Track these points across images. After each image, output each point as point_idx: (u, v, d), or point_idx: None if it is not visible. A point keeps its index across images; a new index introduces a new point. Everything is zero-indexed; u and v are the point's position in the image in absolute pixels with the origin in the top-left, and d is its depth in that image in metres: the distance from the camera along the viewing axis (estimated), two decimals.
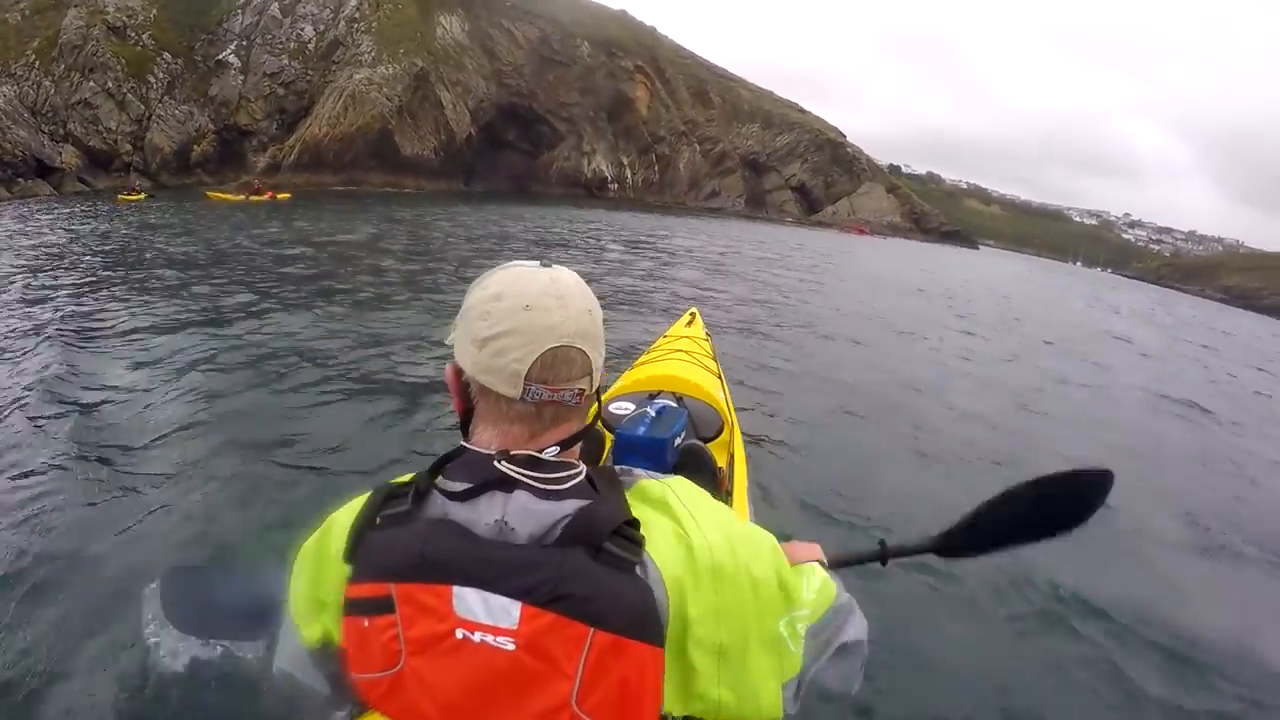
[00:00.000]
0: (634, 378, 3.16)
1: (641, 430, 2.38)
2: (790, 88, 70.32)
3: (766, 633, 0.81)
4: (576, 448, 0.89)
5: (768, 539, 0.89)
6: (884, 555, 1.40)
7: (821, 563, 1.09)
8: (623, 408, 2.70)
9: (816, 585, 0.91)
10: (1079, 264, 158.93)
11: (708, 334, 4.20)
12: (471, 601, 0.74)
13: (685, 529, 0.80)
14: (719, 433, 2.87)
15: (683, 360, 3.38)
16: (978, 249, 73.13)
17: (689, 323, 4.37)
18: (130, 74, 35.92)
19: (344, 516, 0.87)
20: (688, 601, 0.77)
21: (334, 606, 0.83)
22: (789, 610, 0.84)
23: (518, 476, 0.79)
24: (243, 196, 26.62)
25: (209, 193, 27.31)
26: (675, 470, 2.31)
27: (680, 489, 0.87)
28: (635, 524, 0.78)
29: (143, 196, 24.69)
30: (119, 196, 24.74)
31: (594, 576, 0.73)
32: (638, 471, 0.93)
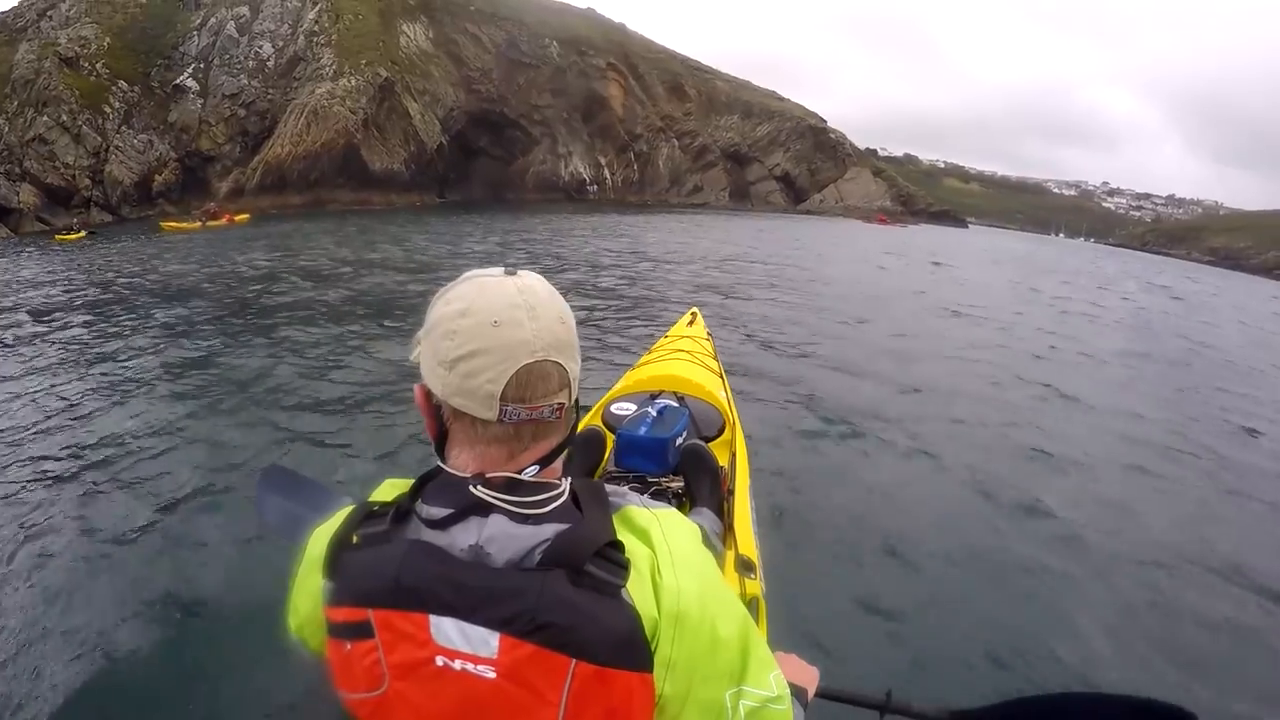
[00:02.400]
0: (635, 378, 3.16)
1: (643, 430, 2.40)
2: (758, 78, 69.08)
3: (710, 697, 0.76)
4: (558, 463, 0.85)
5: (742, 607, 0.83)
6: (886, 707, 1.30)
7: (818, 691, 1.13)
8: (624, 408, 2.73)
9: (779, 680, 0.83)
10: (1062, 235, 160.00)
11: (709, 333, 4.15)
12: (449, 630, 0.73)
13: (660, 565, 0.77)
14: (721, 432, 2.85)
15: (684, 360, 3.38)
16: (967, 228, 72.58)
17: (690, 322, 4.33)
18: (85, 105, 34.67)
19: (325, 530, 0.85)
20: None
21: (306, 614, 0.86)
22: (740, 683, 0.78)
23: (494, 501, 0.77)
24: (199, 223, 25.57)
25: (163, 223, 26.24)
26: (677, 470, 2.36)
27: (668, 524, 0.82)
28: (620, 546, 0.75)
29: (82, 235, 23.49)
30: (56, 237, 23.62)
31: (575, 603, 0.71)
32: (631, 496, 0.87)
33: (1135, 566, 3.77)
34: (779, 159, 61.75)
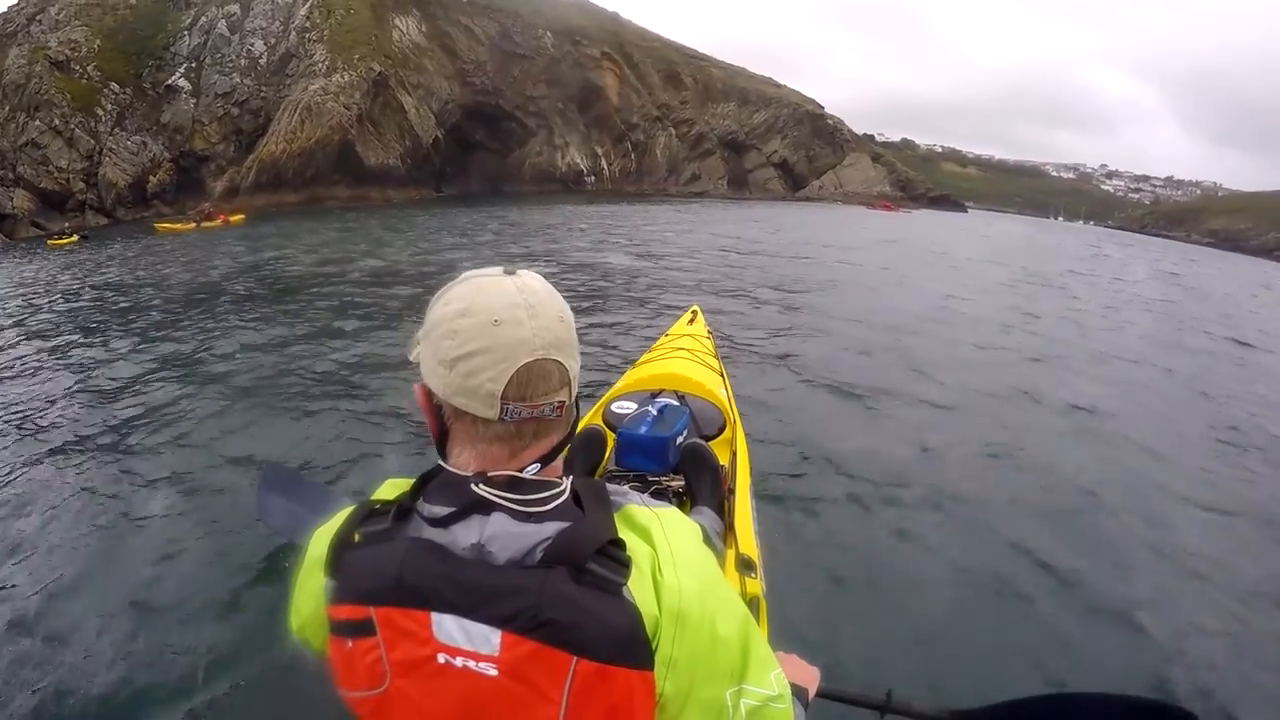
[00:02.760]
0: (636, 376, 3.15)
1: (644, 429, 2.40)
2: (751, 65, 68.36)
3: (711, 696, 0.76)
4: (559, 461, 0.86)
5: (743, 606, 0.83)
6: (886, 707, 1.31)
7: (819, 691, 1.15)
8: (625, 407, 2.73)
9: (779, 679, 0.83)
10: (1060, 218, 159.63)
11: (709, 332, 4.15)
12: (451, 628, 0.73)
13: (660, 564, 0.76)
14: (721, 430, 2.85)
15: (685, 358, 3.38)
16: (966, 212, 72.23)
17: (690, 320, 4.32)
18: (77, 108, 34.59)
19: (326, 530, 0.85)
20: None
21: (308, 613, 0.86)
22: (741, 682, 0.78)
23: (496, 499, 0.77)
24: (193, 224, 25.32)
25: (157, 225, 26.06)
26: (677, 469, 2.37)
27: (669, 523, 0.82)
28: (621, 544, 0.76)
29: (74, 239, 23.25)
30: (49, 241, 23.27)
31: (576, 601, 0.71)
32: (633, 495, 0.87)
33: (1141, 570, 3.67)
34: (777, 146, 61.41)
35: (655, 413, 2.53)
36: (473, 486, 0.77)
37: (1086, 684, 2.74)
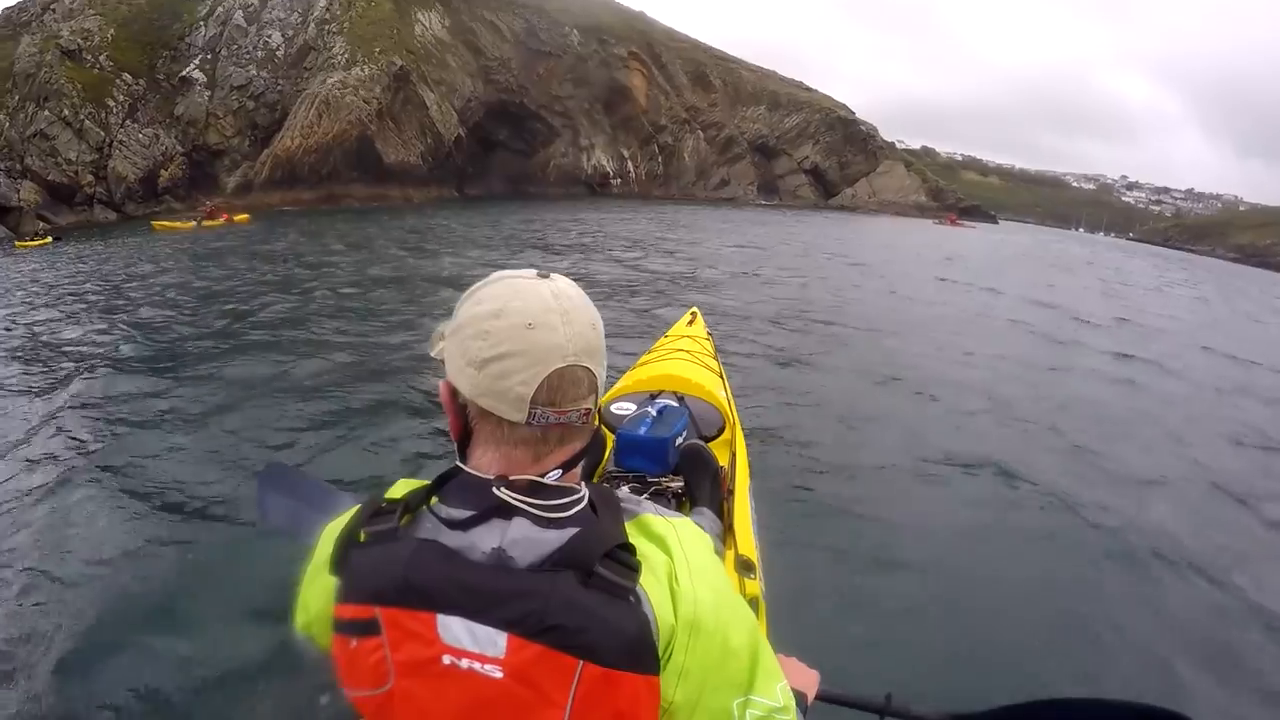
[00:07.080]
0: (635, 377, 3.15)
1: (643, 430, 2.38)
2: (757, 63, 65.71)
3: (719, 705, 0.77)
4: (579, 467, 0.85)
5: (753, 617, 0.84)
6: (886, 710, 1.31)
7: (818, 694, 1.15)
8: (624, 408, 2.73)
9: (785, 691, 0.83)
10: (1082, 230, 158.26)
11: (709, 333, 4.13)
12: (457, 630, 0.73)
13: (677, 573, 0.77)
14: (721, 432, 2.84)
15: (684, 359, 3.38)
16: (998, 223, 70.26)
17: (690, 322, 4.29)
18: (88, 99, 33.31)
19: (335, 527, 0.86)
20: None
21: (316, 611, 0.86)
22: (748, 693, 0.79)
23: (518, 504, 0.76)
24: (194, 223, 23.92)
25: (155, 223, 24.59)
26: (677, 470, 2.33)
27: (685, 533, 0.82)
28: (630, 549, 0.76)
29: (47, 240, 21.94)
30: (17, 243, 21.75)
31: (584, 605, 0.71)
32: (647, 504, 0.87)
33: (1146, 573, 3.66)
34: (808, 151, 59.67)
35: (654, 414, 2.48)
36: (495, 490, 0.75)
37: (1086, 689, 2.69)
